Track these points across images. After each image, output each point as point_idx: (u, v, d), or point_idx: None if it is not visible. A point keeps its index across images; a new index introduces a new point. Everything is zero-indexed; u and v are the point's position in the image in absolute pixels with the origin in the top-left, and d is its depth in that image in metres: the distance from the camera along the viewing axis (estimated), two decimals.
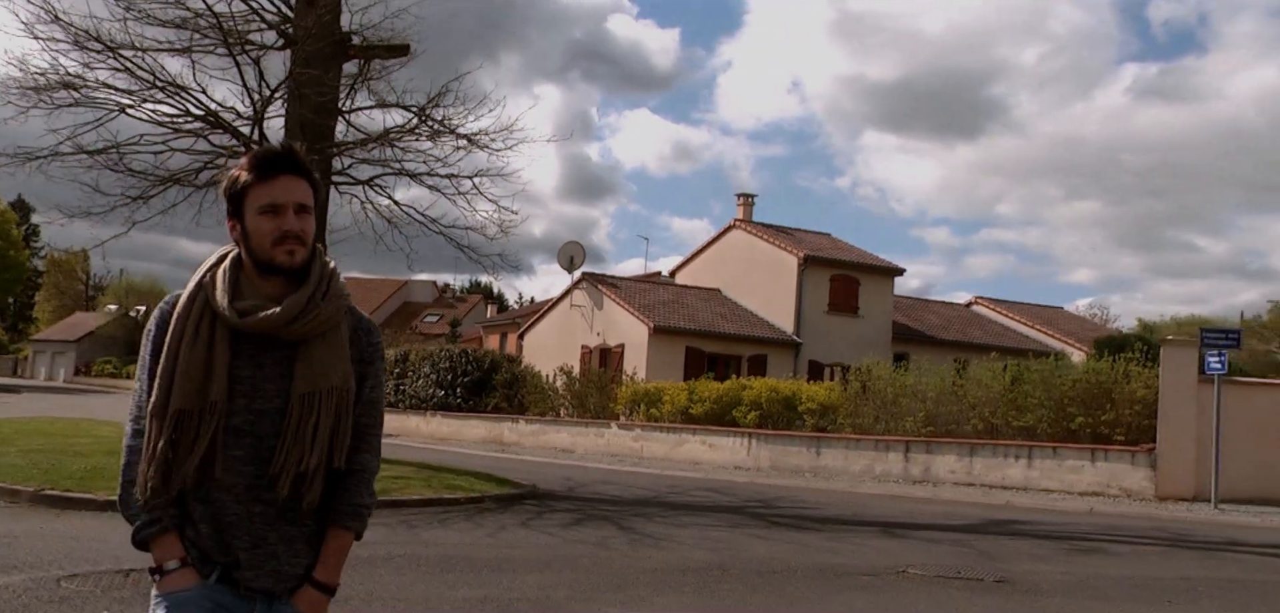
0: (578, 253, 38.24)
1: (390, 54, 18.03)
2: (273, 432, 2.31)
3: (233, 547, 2.32)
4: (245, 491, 2.30)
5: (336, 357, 2.37)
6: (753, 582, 8.36)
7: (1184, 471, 16.71)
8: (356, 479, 2.43)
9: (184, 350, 2.31)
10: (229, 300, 2.33)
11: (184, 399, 2.27)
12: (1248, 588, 9.05)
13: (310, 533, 2.39)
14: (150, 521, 2.33)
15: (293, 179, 2.37)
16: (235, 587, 2.34)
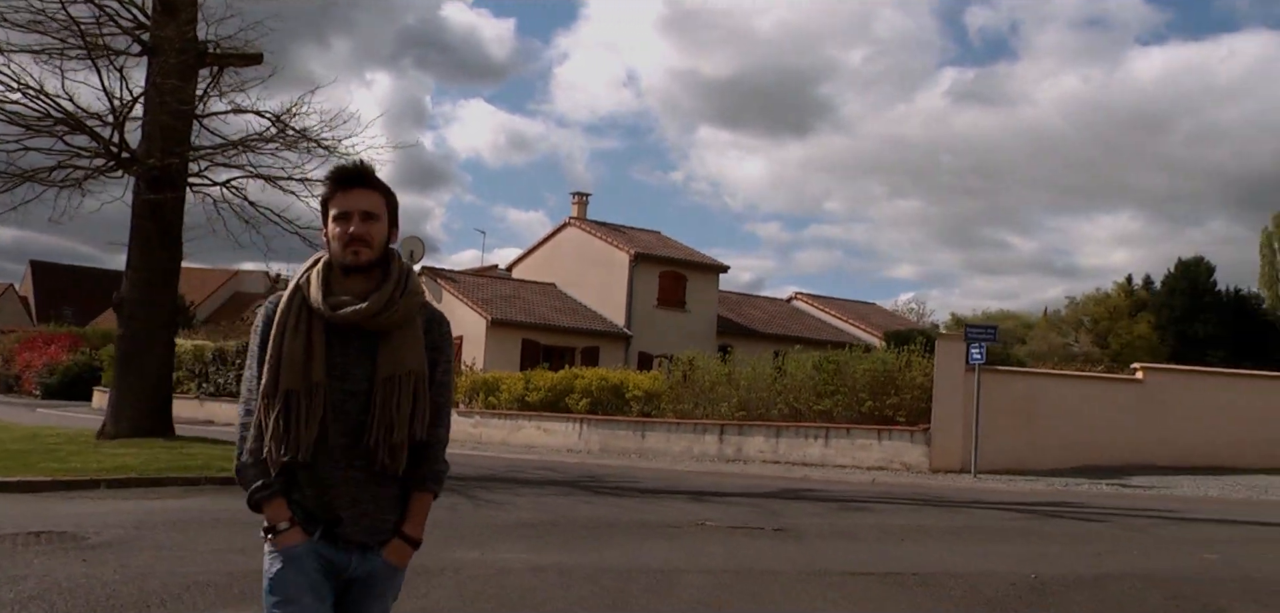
0: (418, 247, 39.07)
1: (244, 62, 19.13)
2: (361, 409, 2.75)
3: (334, 506, 2.76)
4: (342, 457, 2.75)
5: (413, 345, 2.82)
6: (579, 533, 10.23)
7: (953, 447, 19.38)
8: (434, 449, 2.90)
9: (287, 341, 2.75)
10: (323, 297, 2.78)
11: (290, 381, 2.71)
12: (965, 531, 11.41)
13: (396, 494, 2.84)
14: (262, 486, 2.74)
15: (363, 191, 2.82)
16: (335, 542, 2.77)
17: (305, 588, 2.71)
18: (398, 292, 2.81)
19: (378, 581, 2.84)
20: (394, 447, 2.75)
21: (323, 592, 2.75)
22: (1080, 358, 53.52)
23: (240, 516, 10.66)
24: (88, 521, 10.08)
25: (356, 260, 2.79)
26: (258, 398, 2.74)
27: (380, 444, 2.73)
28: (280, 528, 2.73)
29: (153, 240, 18.20)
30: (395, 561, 2.85)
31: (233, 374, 34.39)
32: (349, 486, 2.76)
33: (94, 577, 7.31)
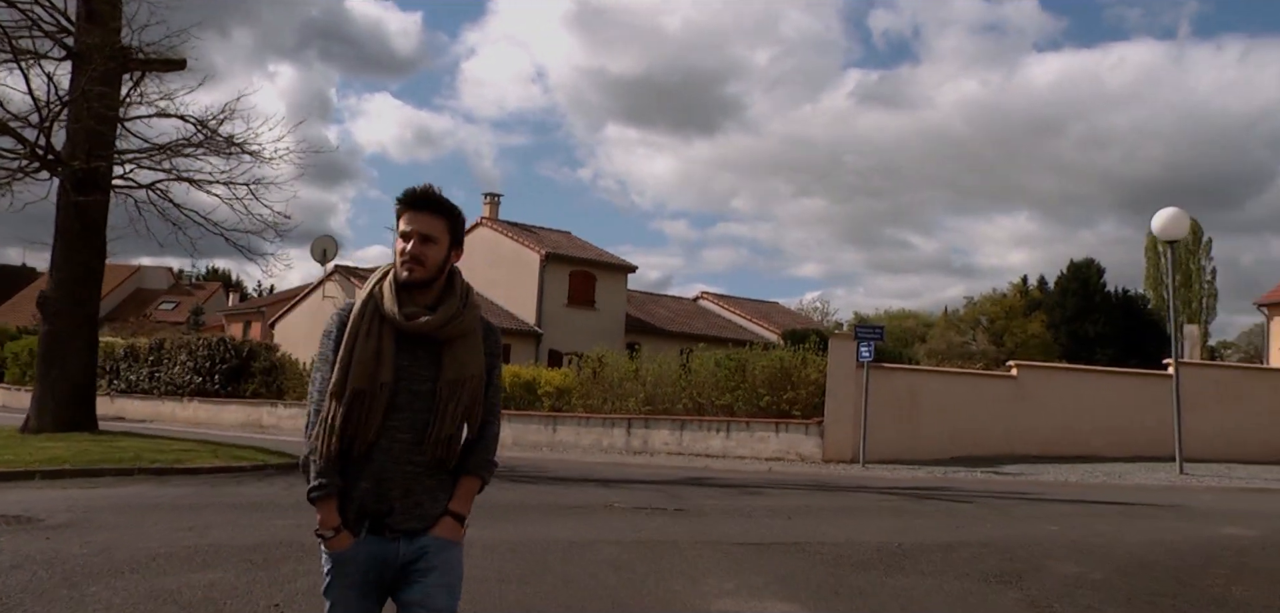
0: (330, 246, 39.40)
1: (167, 68, 19.70)
2: (423, 408, 3.03)
3: (389, 497, 3.01)
4: (402, 453, 3.01)
5: (473, 353, 3.11)
6: (497, 513, 11.24)
7: (844, 438, 20.80)
8: (488, 442, 3.22)
9: (359, 344, 3.01)
10: (397, 307, 3.06)
11: (359, 381, 2.97)
12: (846, 510, 12.71)
13: (448, 484, 3.12)
14: (320, 485, 2.99)
15: (426, 215, 3.11)
16: (381, 533, 3.02)
17: (354, 591, 3.01)
18: (462, 305, 3.14)
19: (429, 554, 3.05)
20: (449, 441, 3.06)
21: (369, 589, 3.04)
22: (978, 356, 55.67)
23: (182, 501, 11.58)
24: (35, 507, 10.80)
25: (410, 277, 3.08)
26: (327, 396, 3.01)
27: (439, 438, 3.03)
28: (328, 535, 3.00)
29: (76, 241, 18.69)
30: (444, 535, 3.09)
31: (146, 371, 34.49)
32: (405, 477, 3.01)
33: (62, 551, 8.13)
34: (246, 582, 7.10)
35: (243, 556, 8.09)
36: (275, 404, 30.23)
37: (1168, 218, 18.75)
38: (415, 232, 3.08)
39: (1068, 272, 64.92)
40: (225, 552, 8.29)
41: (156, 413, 32.13)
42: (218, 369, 31.95)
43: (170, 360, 33.58)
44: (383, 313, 3.05)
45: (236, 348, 32.91)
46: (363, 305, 3.09)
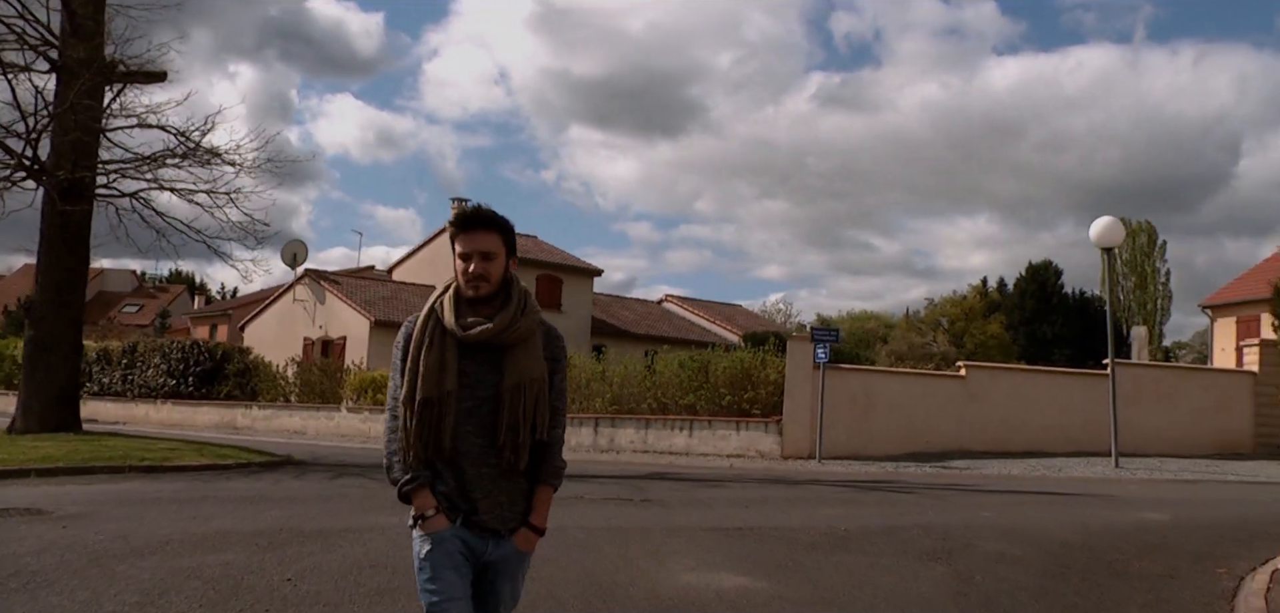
0: (300, 250, 40.31)
1: (149, 80, 20.39)
2: (490, 412, 3.16)
3: (472, 496, 3.17)
4: (477, 456, 3.16)
5: (533, 357, 3.22)
6: None
7: (802, 436, 21.78)
8: (554, 447, 3.32)
9: (424, 355, 3.17)
10: (455, 318, 3.21)
11: (426, 390, 3.13)
12: (800, 501, 13.64)
13: (524, 489, 3.27)
14: (410, 479, 3.18)
15: (481, 233, 3.24)
16: (473, 528, 3.19)
17: (449, 566, 3.15)
18: (519, 312, 3.26)
19: (509, 564, 3.27)
20: (519, 444, 3.18)
21: (463, 571, 3.18)
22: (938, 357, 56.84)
23: (178, 495, 12.36)
24: (40, 501, 11.51)
25: (477, 294, 3.22)
26: (401, 405, 3.22)
27: (507, 443, 3.16)
28: (427, 515, 3.16)
29: (61, 248, 19.33)
30: (523, 547, 3.28)
31: (119, 374, 34.94)
32: (483, 480, 3.18)
33: (81, 538, 8.90)
34: (258, 561, 7.92)
35: (248, 540, 8.90)
36: (249, 406, 30.86)
37: (1104, 226, 19.92)
38: (475, 251, 3.23)
39: (1026, 274, 66.50)
40: (231, 537, 9.10)
41: (130, 415, 32.64)
42: (192, 372, 32.52)
43: (144, 364, 34.09)
44: (444, 325, 3.23)
45: (210, 351, 33.50)
46: (425, 319, 3.27)
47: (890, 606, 7.07)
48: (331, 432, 28.19)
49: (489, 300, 3.25)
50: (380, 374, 29.46)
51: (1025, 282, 66.11)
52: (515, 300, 3.28)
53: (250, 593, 6.82)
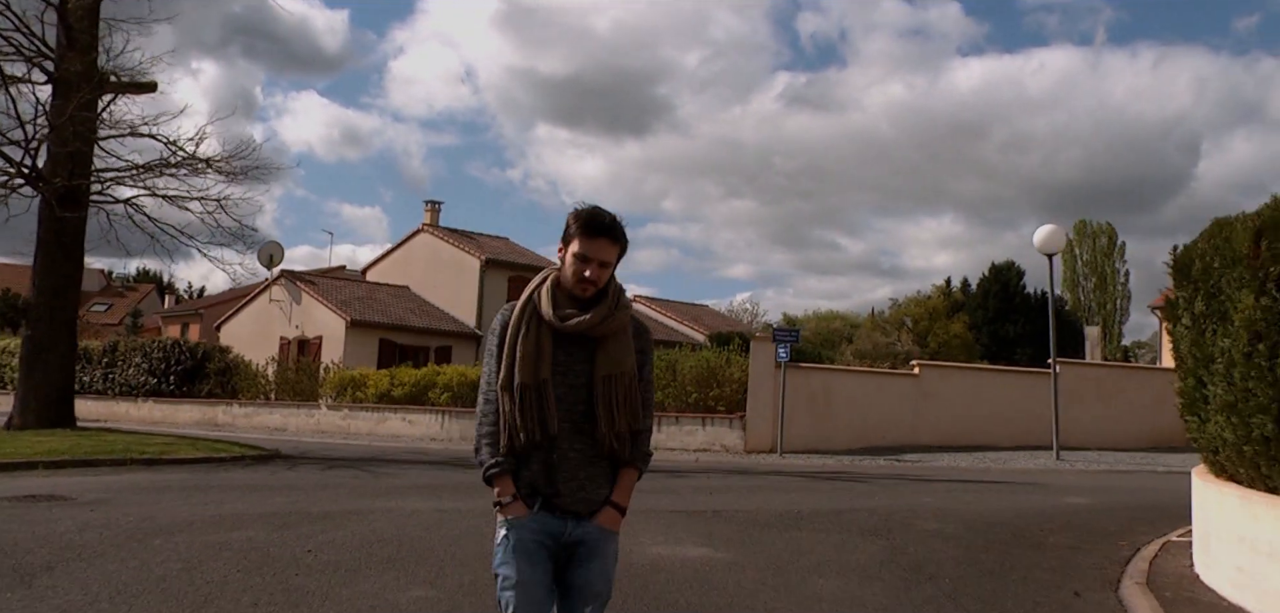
0: (277, 251, 40.85)
1: (139, 90, 21.31)
2: (581, 400, 3.29)
3: (556, 480, 3.26)
4: (566, 442, 3.27)
5: (625, 349, 3.35)
6: (462, 490, 13.18)
7: (764, 431, 22.95)
8: (643, 435, 3.44)
9: (520, 343, 3.28)
10: (552, 309, 3.31)
11: (523, 377, 3.24)
12: (760, 488, 14.80)
13: (608, 472, 3.37)
14: (496, 463, 3.30)
15: (606, 243, 3.34)
16: (553, 511, 3.28)
17: (525, 551, 3.24)
18: (613, 306, 3.38)
19: (592, 542, 3.33)
20: (619, 434, 3.31)
21: (539, 556, 3.26)
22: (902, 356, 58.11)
23: (185, 484, 13.37)
24: (59, 489, 12.47)
25: (584, 295, 3.32)
26: (495, 390, 3.33)
27: (607, 432, 3.28)
28: (506, 501, 3.28)
29: (57, 253, 20.20)
30: (607, 524, 3.35)
31: (100, 372, 35.62)
32: (569, 464, 3.27)
33: (111, 518, 9.90)
34: (277, 537, 8.97)
35: (263, 521, 9.94)
36: (230, 404, 31.70)
37: (1046, 233, 21.26)
38: (595, 258, 3.32)
39: (989, 274, 67.93)
40: (247, 519, 10.12)
41: (111, 413, 33.36)
42: (173, 371, 33.33)
43: (124, 363, 34.82)
44: (541, 315, 3.33)
45: (191, 351, 34.29)
46: (522, 308, 3.38)
47: (831, 570, 8.21)
48: (312, 429, 29.09)
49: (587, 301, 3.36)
50: (359, 373, 30.40)
51: (988, 282, 67.46)
52: (610, 295, 3.40)
53: (277, 562, 7.86)
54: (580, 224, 3.33)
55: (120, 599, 6.50)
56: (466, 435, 25.93)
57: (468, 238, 44.96)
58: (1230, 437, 7.21)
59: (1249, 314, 6.69)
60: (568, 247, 3.35)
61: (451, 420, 26.72)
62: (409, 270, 44.84)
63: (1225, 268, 7.16)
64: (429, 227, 45.49)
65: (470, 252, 43.15)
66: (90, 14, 20.28)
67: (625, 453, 3.36)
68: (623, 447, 3.34)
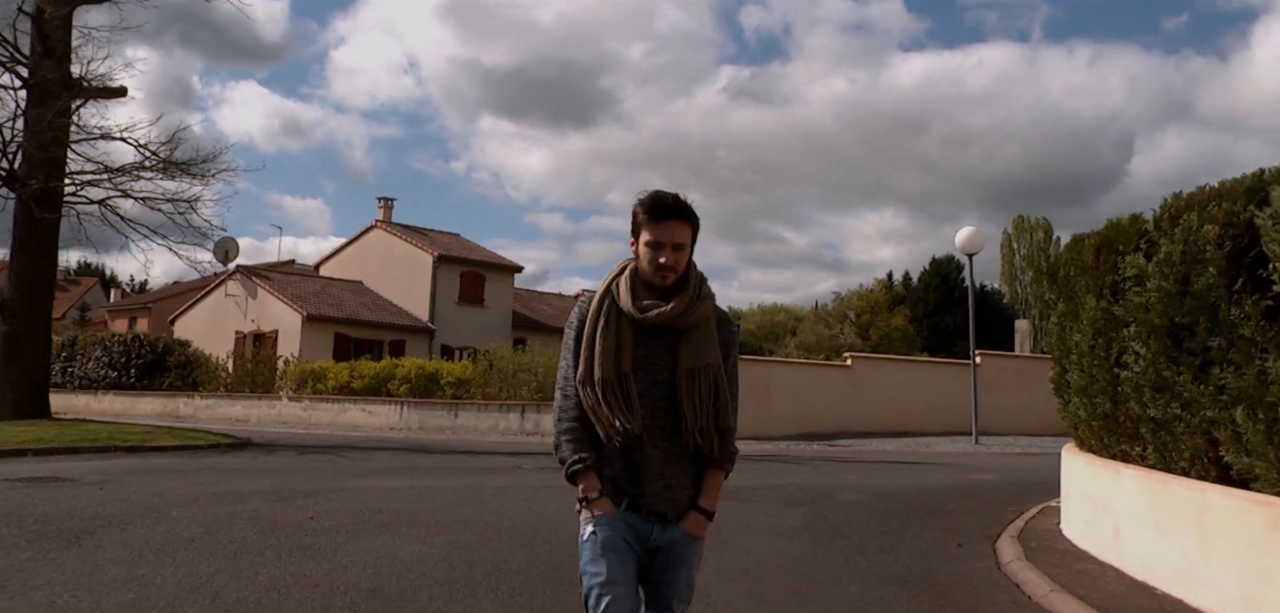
0: (232, 247, 41.84)
1: (110, 95, 22.30)
2: (663, 396, 3.15)
3: (640, 481, 3.15)
4: (648, 440, 3.13)
5: (708, 341, 3.22)
6: (432, 471, 14.51)
7: None
8: (728, 432, 3.29)
9: (599, 336, 3.16)
10: (632, 300, 3.19)
11: (603, 370, 3.13)
12: None
13: (693, 473, 3.23)
14: (578, 459, 3.20)
15: (676, 223, 3.20)
16: (639, 512, 3.17)
17: (613, 549, 3.10)
18: (695, 296, 3.20)
19: (678, 548, 3.19)
20: (704, 430, 3.15)
21: (626, 555, 3.13)
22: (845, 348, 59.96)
23: (175, 468, 14.60)
24: (60, 473, 13.60)
25: (664, 283, 3.17)
26: (573, 385, 3.20)
27: (693, 429, 3.13)
28: (592, 497, 3.14)
29: (32, 252, 21.14)
30: (693, 530, 3.20)
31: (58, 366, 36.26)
32: (653, 463, 3.13)
33: (123, 495, 11.10)
34: (279, 508, 10.25)
35: (261, 496, 11.21)
36: (191, 396, 32.63)
37: (967, 235, 22.98)
38: (668, 241, 3.19)
39: (930, 268, 70.18)
40: (246, 494, 11.39)
41: (71, 406, 34.05)
42: (134, 364, 34.17)
43: (84, 356, 35.57)
44: (619, 308, 3.21)
45: (152, 345, 35.14)
46: (600, 300, 3.25)
47: (759, 531, 9.67)
48: (274, 419, 30.12)
49: (668, 290, 3.22)
50: (320, 366, 31.49)
51: (929, 275, 69.59)
52: (692, 284, 3.25)
53: (285, 527, 9.16)
54: (646, 210, 3.23)
55: (162, 554, 7.77)
56: (426, 425, 27.21)
57: (420, 234, 46.01)
58: (1083, 414, 8.79)
59: (1093, 314, 8.25)
60: (638, 238, 3.25)
61: (410, 411, 27.94)
62: (362, 266, 45.81)
63: (1078, 276, 8.72)
64: (382, 223, 46.47)
65: (423, 247, 44.21)
66: (65, 23, 21.21)
67: (712, 447, 3.22)
68: (708, 441, 3.20)
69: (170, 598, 6.35)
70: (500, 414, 26.67)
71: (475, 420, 26.91)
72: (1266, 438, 6.13)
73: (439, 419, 27.39)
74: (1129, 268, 7.63)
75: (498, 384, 27.61)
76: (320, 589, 6.69)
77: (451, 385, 28.29)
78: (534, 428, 26.02)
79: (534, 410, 26.30)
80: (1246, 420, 6.25)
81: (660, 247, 3.18)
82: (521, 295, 49.54)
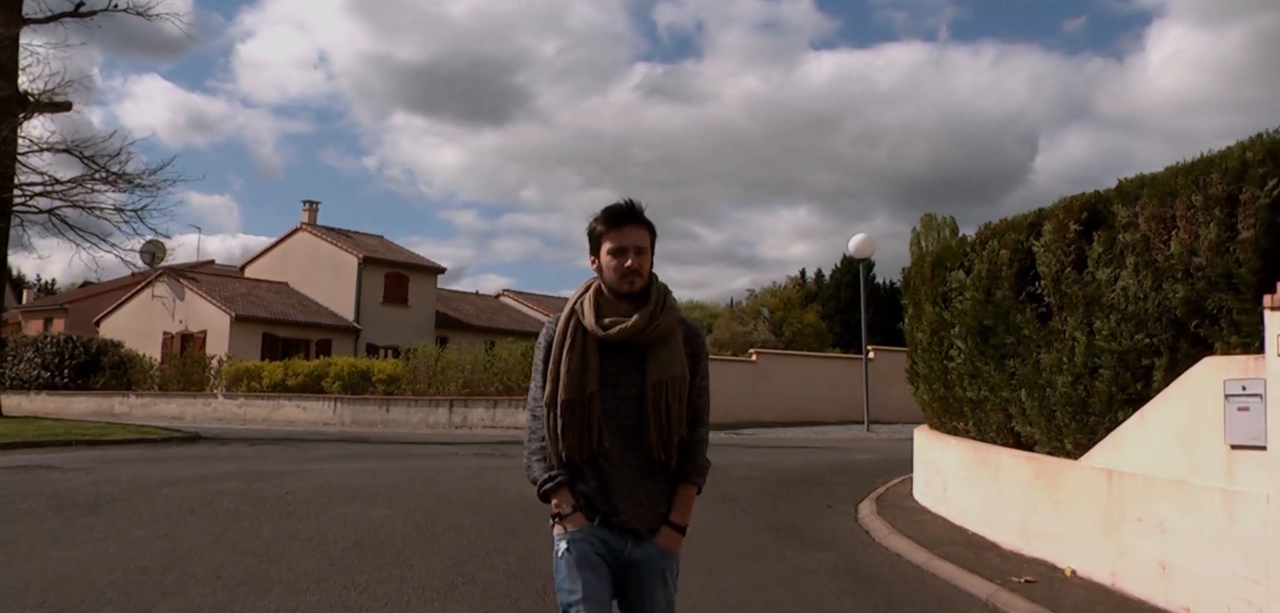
0: (159, 249, 42.52)
1: (55, 109, 23.48)
2: (632, 412, 3.16)
3: (612, 498, 3.16)
4: (618, 456, 3.15)
5: (675, 354, 3.20)
6: (376, 454, 16.18)
7: None
8: (698, 446, 3.28)
9: (565, 357, 3.17)
10: (595, 319, 3.20)
11: (568, 392, 3.13)
12: None
13: (665, 488, 3.22)
14: (548, 479, 3.20)
15: (634, 228, 3.22)
16: (612, 528, 3.17)
17: (587, 565, 3.13)
18: (658, 309, 3.22)
19: (652, 563, 3.20)
20: (667, 443, 3.15)
21: (601, 571, 3.16)
22: (759, 344, 62.23)
23: (143, 458, 16.22)
24: (38, 462, 14.98)
25: (632, 288, 3.20)
26: (541, 405, 3.22)
27: (656, 441, 3.14)
28: (565, 513, 3.16)
29: None
30: (666, 546, 3.20)
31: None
32: (624, 480, 3.15)
33: (109, 478, 12.62)
34: (255, 487, 11.91)
35: (235, 477, 12.84)
36: (127, 394, 33.62)
37: (859, 241, 25.27)
38: (630, 246, 3.21)
39: (841, 265, 72.60)
40: (221, 476, 13.00)
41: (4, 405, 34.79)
42: (67, 365, 35.02)
43: (15, 357, 36.25)
44: (584, 326, 3.21)
45: (85, 345, 36.01)
46: (566, 321, 3.26)
47: None
48: (209, 416, 31.32)
49: (635, 298, 3.24)
50: (254, 364, 32.78)
51: (840, 272, 71.85)
52: (654, 298, 3.26)
53: (267, 500, 10.84)
54: (604, 220, 3.25)
55: (173, 519, 9.44)
56: (358, 419, 28.73)
57: (345, 236, 47.23)
58: (927, 398, 10.91)
59: (930, 317, 10.34)
60: (600, 252, 3.27)
61: (343, 407, 29.41)
62: (287, 268, 46.87)
63: (920, 285, 10.82)
64: (307, 225, 47.58)
65: (348, 250, 45.46)
66: (13, 42, 22.34)
67: (673, 460, 3.20)
68: (671, 455, 3.18)
69: (196, 548, 8.05)
70: (429, 409, 28.28)
71: (406, 415, 28.48)
72: (1040, 412, 8.24)
73: (371, 414, 28.91)
74: (954, 281, 9.74)
75: (426, 381, 29.21)
76: (314, 541, 8.44)
77: (383, 382, 29.82)
78: (461, 421, 27.69)
79: (461, 405, 27.96)
80: (1028, 400, 8.37)
81: (624, 252, 3.21)
82: (444, 295, 50.96)
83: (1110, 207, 7.36)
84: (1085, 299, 7.49)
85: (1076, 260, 7.67)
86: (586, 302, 3.26)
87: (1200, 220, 6.41)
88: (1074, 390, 7.69)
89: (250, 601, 6.31)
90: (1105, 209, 7.44)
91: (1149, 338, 6.88)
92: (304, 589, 6.65)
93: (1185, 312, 6.57)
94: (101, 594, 6.40)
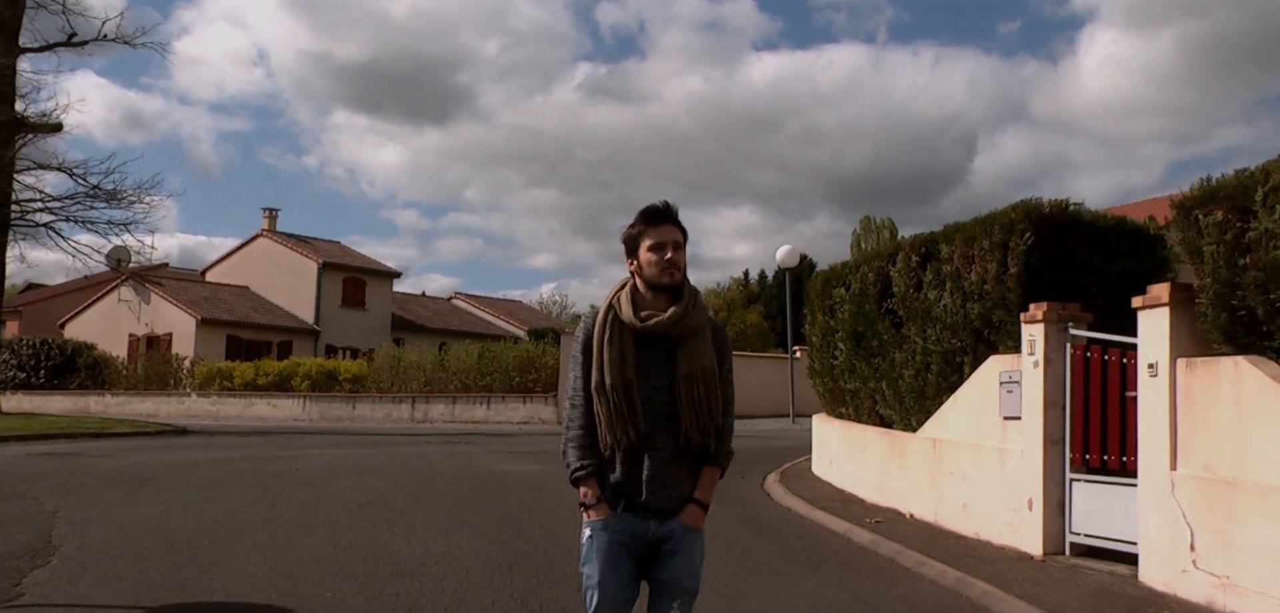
0: (125, 255, 44.18)
1: (48, 130, 25.42)
2: (663, 402, 3.38)
3: (640, 481, 3.36)
4: (652, 442, 3.36)
5: (704, 348, 3.45)
6: (357, 445, 18.48)
7: None
8: (725, 433, 3.51)
9: (605, 348, 3.40)
10: (633, 312, 3.43)
11: (611, 377, 3.36)
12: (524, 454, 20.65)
13: (691, 471, 3.45)
14: (582, 466, 3.40)
15: (671, 226, 3.47)
16: (636, 512, 3.38)
17: (607, 555, 3.36)
18: (690, 305, 3.45)
19: (677, 538, 3.39)
20: (706, 429, 3.39)
21: (621, 555, 3.38)
22: None
23: (151, 447, 18.62)
24: (62, 450, 17.06)
25: (672, 280, 3.43)
26: (580, 395, 3.44)
27: (694, 428, 3.36)
28: (590, 503, 3.38)
29: None
30: (690, 522, 3.40)
31: None
32: (654, 464, 3.35)
33: (136, 461, 14.80)
34: (267, 466, 14.19)
35: (245, 459, 15.08)
36: (103, 394, 35.45)
37: (785, 252, 27.94)
38: (669, 241, 3.43)
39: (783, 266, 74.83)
40: (232, 459, 15.24)
41: None
42: (44, 366, 36.80)
43: None
44: (621, 320, 3.43)
45: (61, 347, 37.78)
46: (604, 315, 3.48)
47: None
48: (184, 413, 33.18)
49: (672, 292, 3.44)
50: (226, 365, 34.79)
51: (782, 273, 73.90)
52: (687, 295, 3.47)
53: (282, 475, 13.14)
54: (644, 220, 3.48)
55: (216, 487, 11.73)
56: (327, 416, 30.90)
57: (305, 242, 49.16)
58: (820, 390, 13.53)
59: (821, 324, 12.94)
60: (639, 251, 3.48)
61: (312, 404, 31.53)
62: (248, 272, 48.67)
63: (815, 298, 13.42)
64: (267, 232, 49.43)
65: (308, 255, 47.41)
66: (11, 71, 24.29)
67: (710, 446, 3.42)
68: (707, 440, 3.40)
69: (244, 506, 10.37)
70: (393, 406, 30.50)
71: (371, 411, 30.67)
72: (895, 398, 10.86)
73: (339, 411, 31.06)
74: (837, 296, 12.34)
75: (389, 380, 31.44)
76: (335, 502, 10.80)
77: (349, 381, 32.00)
78: (423, 417, 29.94)
79: (423, 401, 30.20)
80: (887, 389, 10.99)
81: (663, 246, 3.41)
82: (398, 298, 53.02)
83: (938, 245, 9.98)
84: (922, 312, 10.11)
85: (917, 284, 10.29)
86: (623, 297, 3.49)
87: (988, 259, 9.03)
88: (916, 381, 10.32)
89: (304, 536, 8.68)
90: (934, 247, 10.06)
91: (960, 342, 9.52)
92: (342, 529, 9.05)
93: (981, 323, 9.20)
94: (191, 534, 8.70)
